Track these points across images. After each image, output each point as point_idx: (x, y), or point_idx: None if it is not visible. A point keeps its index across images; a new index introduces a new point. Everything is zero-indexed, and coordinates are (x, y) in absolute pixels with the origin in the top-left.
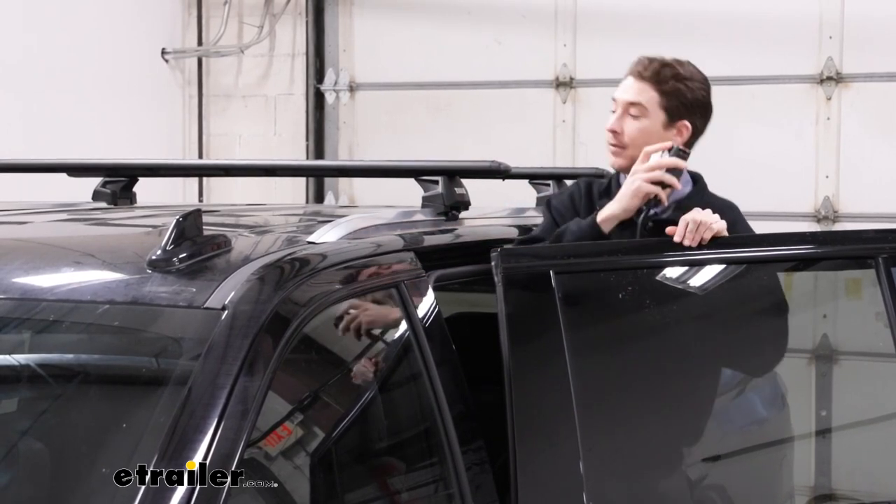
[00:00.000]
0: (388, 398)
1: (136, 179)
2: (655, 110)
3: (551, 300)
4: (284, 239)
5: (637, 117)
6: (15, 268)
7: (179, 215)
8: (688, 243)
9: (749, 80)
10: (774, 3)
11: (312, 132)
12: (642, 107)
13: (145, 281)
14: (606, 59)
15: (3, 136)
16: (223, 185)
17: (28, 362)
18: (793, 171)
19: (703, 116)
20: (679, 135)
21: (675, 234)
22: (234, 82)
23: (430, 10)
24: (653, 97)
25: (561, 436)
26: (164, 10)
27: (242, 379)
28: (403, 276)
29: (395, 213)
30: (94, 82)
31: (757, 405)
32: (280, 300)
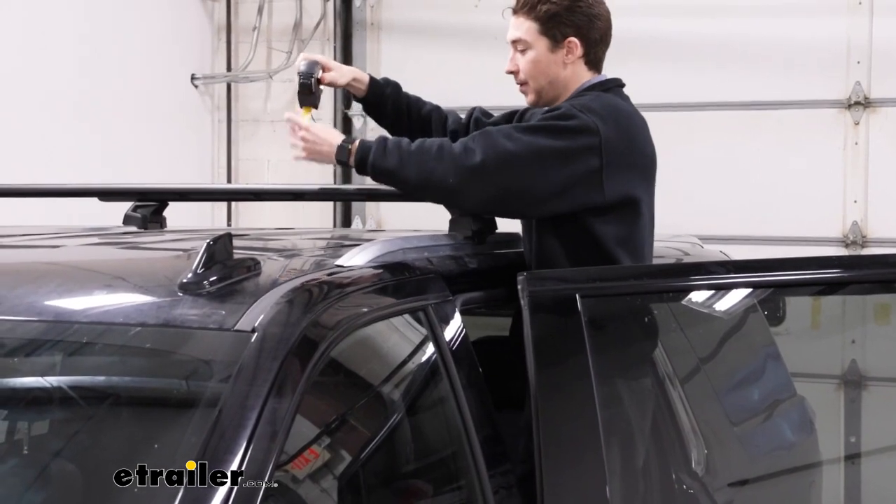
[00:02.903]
0: (415, 421)
1: (167, 204)
2: (537, 39)
3: (577, 324)
4: (313, 262)
5: (524, 51)
6: (49, 291)
7: (210, 239)
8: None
9: (776, 104)
10: (802, 28)
11: None
12: (524, 41)
13: (176, 304)
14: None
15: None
16: (251, 209)
17: (61, 384)
18: (821, 195)
19: (590, 25)
20: (570, 52)
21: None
22: (263, 107)
23: (457, 35)
24: (531, 27)
25: (587, 460)
26: (193, 36)
27: (272, 401)
28: (430, 299)
29: (422, 237)
30: (125, 108)
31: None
32: (308, 323)
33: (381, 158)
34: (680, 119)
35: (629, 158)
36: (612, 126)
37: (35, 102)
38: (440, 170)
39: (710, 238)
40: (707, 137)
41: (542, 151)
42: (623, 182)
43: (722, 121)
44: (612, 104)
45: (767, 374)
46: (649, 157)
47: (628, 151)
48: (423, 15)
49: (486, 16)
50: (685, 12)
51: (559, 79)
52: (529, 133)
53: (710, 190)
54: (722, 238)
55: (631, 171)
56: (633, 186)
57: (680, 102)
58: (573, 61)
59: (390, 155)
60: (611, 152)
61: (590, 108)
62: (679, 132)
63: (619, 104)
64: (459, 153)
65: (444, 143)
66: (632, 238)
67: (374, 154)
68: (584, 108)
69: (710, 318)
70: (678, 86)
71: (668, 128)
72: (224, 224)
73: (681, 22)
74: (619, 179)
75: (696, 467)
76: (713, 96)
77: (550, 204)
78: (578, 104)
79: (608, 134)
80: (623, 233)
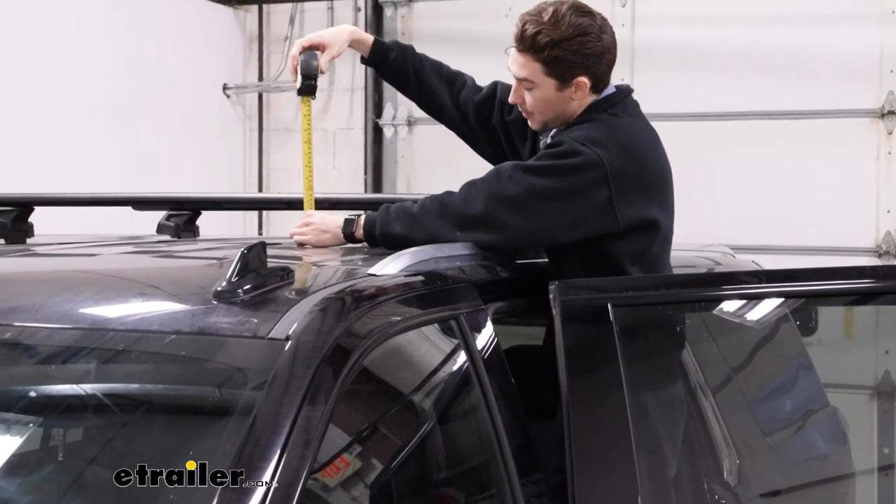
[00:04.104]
0: (446, 430)
1: (200, 213)
2: (543, 80)
3: (609, 333)
4: (345, 271)
5: (530, 89)
6: (85, 299)
7: (244, 248)
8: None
9: (809, 114)
10: (835, 37)
11: (371, 166)
12: (530, 80)
13: (211, 312)
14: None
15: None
16: (282, 217)
17: (97, 391)
18: (853, 205)
19: (598, 61)
20: (579, 90)
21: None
22: (294, 117)
23: (488, 46)
24: (536, 68)
25: (619, 470)
26: (225, 46)
27: (305, 408)
28: (462, 308)
29: (454, 246)
30: (159, 118)
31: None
32: (342, 332)
33: (388, 226)
34: (711, 128)
35: (639, 182)
36: (617, 154)
37: (74, 113)
38: (445, 227)
39: (741, 248)
40: (739, 147)
41: (545, 193)
42: (636, 207)
43: (754, 130)
44: (616, 130)
45: (800, 384)
46: (660, 175)
47: (637, 175)
48: (454, 24)
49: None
50: (716, 21)
51: (567, 111)
52: (533, 174)
53: (741, 199)
54: (754, 248)
55: (642, 194)
56: (646, 208)
57: (711, 112)
58: (581, 96)
59: (396, 221)
60: (619, 181)
61: (593, 140)
62: (711, 142)
63: (623, 128)
64: (461, 206)
65: (446, 197)
66: (648, 254)
67: (381, 223)
68: (587, 140)
69: (742, 328)
70: (709, 95)
71: (700, 137)
72: (255, 233)
73: (712, 31)
74: (631, 205)
75: (728, 478)
76: (745, 106)
77: (564, 236)
78: (581, 137)
79: (614, 163)
80: (638, 250)
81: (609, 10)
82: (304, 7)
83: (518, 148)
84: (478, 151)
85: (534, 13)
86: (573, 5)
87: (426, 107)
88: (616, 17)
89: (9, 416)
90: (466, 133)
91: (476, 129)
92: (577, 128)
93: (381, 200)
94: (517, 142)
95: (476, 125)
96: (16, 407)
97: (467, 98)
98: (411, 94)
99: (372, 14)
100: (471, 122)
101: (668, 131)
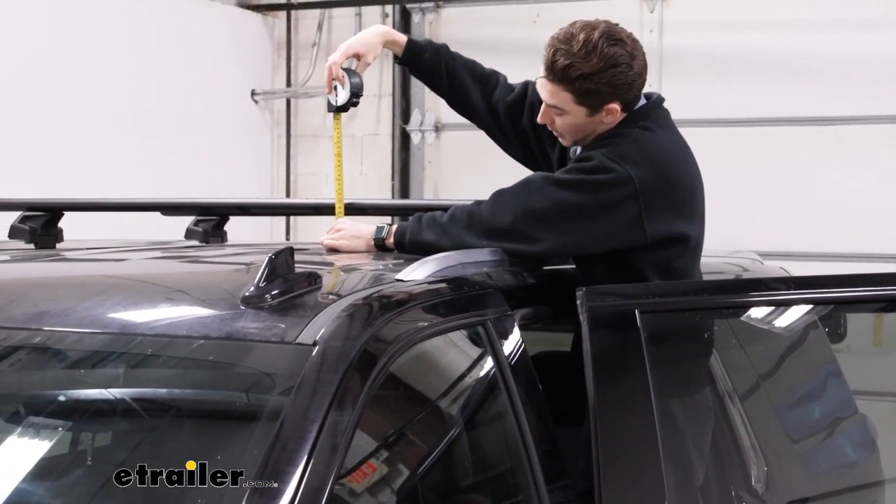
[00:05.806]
0: (473, 436)
1: (228, 218)
2: (574, 108)
3: (637, 339)
4: (372, 276)
5: (560, 115)
6: (114, 304)
7: (272, 253)
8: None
9: (838, 120)
10: (865, 42)
11: (398, 171)
12: (560, 108)
13: (239, 317)
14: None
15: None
16: (309, 223)
17: (125, 395)
18: (882, 212)
19: (629, 87)
20: (610, 114)
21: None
22: (322, 123)
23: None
24: (567, 98)
25: (646, 476)
26: (254, 52)
27: (333, 414)
28: (489, 314)
29: (481, 252)
30: (187, 124)
31: (846, 448)
32: (369, 337)
33: (418, 234)
34: (740, 134)
35: (668, 197)
36: (647, 169)
37: (103, 119)
38: (472, 237)
39: (769, 254)
40: (768, 153)
41: (574, 208)
42: (665, 221)
43: (782, 136)
44: (647, 145)
45: (828, 391)
46: (689, 188)
47: (667, 190)
48: (483, 30)
49: (546, 30)
50: (745, 27)
51: (597, 131)
52: (563, 187)
53: (770, 205)
54: (782, 254)
55: (671, 208)
56: (675, 222)
57: (740, 118)
58: (612, 120)
59: (426, 230)
60: (648, 197)
61: (623, 156)
62: (739, 148)
63: (654, 142)
64: (488, 217)
65: (474, 208)
66: (675, 265)
67: (411, 231)
68: (618, 156)
69: (770, 335)
70: (737, 101)
71: (728, 143)
72: (282, 238)
73: (740, 37)
74: (661, 220)
75: (756, 484)
76: (773, 112)
77: (591, 249)
78: (611, 154)
79: (644, 179)
80: (665, 261)
81: (637, 15)
82: (332, 13)
83: (548, 150)
84: (508, 152)
85: (563, 39)
86: (605, 32)
87: (459, 107)
88: (644, 23)
89: (39, 420)
90: (497, 134)
91: (507, 129)
92: (608, 142)
93: (409, 206)
94: (547, 144)
95: (507, 126)
96: (46, 411)
97: (499, 98)
98: (444, 94)
99: (400, 20)
100: (502, 123)
101: (696, 137)
